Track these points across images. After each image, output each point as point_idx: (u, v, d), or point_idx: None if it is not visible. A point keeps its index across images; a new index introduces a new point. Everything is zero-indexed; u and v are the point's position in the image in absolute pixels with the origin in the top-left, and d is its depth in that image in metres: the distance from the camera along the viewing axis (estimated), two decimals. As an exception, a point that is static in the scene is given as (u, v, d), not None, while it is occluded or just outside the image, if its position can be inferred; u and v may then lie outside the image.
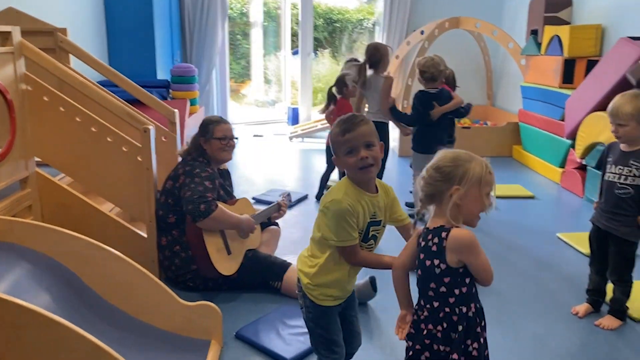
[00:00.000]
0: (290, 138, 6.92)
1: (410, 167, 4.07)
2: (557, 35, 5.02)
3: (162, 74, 5.66)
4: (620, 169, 2.30)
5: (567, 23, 5.36)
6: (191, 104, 5.21)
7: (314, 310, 1.65)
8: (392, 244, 2.03)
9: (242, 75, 10.70)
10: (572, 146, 4.68)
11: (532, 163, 5.49)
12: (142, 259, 2.44)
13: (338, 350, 1.67)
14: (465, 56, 6.91)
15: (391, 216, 1.68)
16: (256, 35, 8.54)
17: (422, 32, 6.81)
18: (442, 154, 1.43)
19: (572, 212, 4.25)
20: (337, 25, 11.61)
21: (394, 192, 1.70)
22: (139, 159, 2.62)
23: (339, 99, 4.17)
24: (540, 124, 5.32)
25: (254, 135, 7.20)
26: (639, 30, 4.34)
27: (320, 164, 5.71)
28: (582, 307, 2.55)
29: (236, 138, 2.82)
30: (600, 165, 2.48)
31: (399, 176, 5.11)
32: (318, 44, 10.68)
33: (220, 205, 2.50)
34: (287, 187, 4.71)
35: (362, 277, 2.53)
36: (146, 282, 2.15)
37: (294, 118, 7.84)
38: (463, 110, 3.84)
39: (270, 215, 2.94)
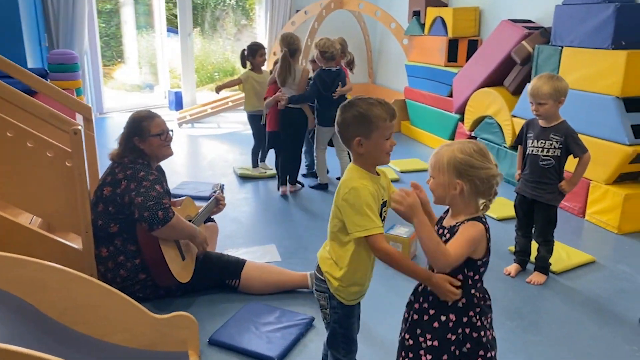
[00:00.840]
0: (180, 124, 6.59)
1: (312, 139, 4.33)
2: (441, 17, 5.40)
3: (32, 61, 5.01)
4: (542, 142, 2.60)
5: (445, 5, 5.78)
6: (76, 95, 4.70)
7: (341, 311, 1.64)
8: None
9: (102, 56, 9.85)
10: (461, 120, 5.12)
11: (422, 137, 5.90)
12: (78, 274, 2.21)
13: (355, 348, 1.71)
14: (346, 36, 7.10)
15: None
16: (127, 15, 7.88)
17: (305, 12, 6.88)
18: None
19: (468, 181, 4.68)
20: (198, 2, 11.18)
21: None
22: (68, 164, 2.34)
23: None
24: (428, 101, 5.71)
25: (138, 124, 6.72)
26: (510, 13, 4.85)
27: (218, 150, 5.55)
28: (513, 268, 2.86)
29: (171, 130, 2.64)
30: (520, 141, 2.77)
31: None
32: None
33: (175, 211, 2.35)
34: (197, 178, 4.52)
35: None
36: (111, 301, 1.96)
37: (178, 102, 7.46)
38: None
39: (211, 211, 2.83)
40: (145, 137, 2.47)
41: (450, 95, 5.30)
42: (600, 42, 3.48)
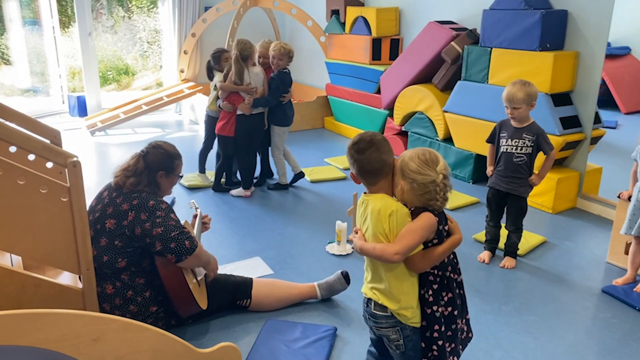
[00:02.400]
0: (92, 132, 6.10)
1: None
2: (363, 16, 5.59)
3: None
4: (516, 141, 2.89)
5: (362, 4, 5.98)
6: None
7: (414, 336, 1.69)
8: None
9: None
10: (390, 115, 5.38)
11: (347, 132, 6.09)
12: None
13: None
14: (258, 33, 7.05)
15: None
16: (12, 9, 7.01)
17: (218, 10, 6.70)
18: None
19: (406, 173, 4.96)
20: (66, -9, 10.33)
21: None
22: (63, 200, 2.14)
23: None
24: (354, 97, 5.90)
25: (41, 134, 6.09)
26: (428, 13, 5.17)
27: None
28: (486, 255, 3.15)
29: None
30: (492, 141, 3.04)
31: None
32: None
33: None
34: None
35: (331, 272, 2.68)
36: (160, 342, 1.86)
37: (81, 108, 6.88)
38: None
39: (201, 231, 2.75)
40: (171, 174, 2.39)
41: (378, 92, 5.54)
42: (528, 44, 3.89)
